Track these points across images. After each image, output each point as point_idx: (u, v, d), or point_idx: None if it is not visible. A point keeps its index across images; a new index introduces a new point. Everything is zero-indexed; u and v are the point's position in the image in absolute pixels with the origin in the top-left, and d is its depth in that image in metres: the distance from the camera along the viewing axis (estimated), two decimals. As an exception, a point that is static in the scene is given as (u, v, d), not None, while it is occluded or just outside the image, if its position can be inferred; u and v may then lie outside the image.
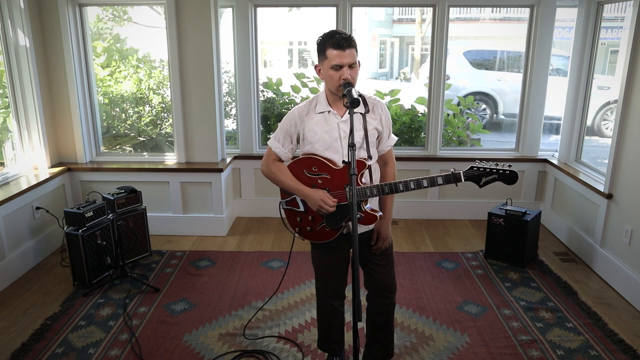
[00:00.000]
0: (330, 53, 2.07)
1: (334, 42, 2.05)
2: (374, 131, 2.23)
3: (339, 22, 4.46)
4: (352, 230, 1.87)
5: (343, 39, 2.05)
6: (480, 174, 2.06)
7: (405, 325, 3.04)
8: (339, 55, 2.05)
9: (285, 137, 2.26)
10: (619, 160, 3.53)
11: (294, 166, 2.25)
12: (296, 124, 2.23)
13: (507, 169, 2.04)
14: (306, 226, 2.26)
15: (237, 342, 2.87)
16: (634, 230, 3.32)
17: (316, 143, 2.19)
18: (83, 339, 2.90)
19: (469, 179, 2.06)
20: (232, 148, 4.86)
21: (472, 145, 5.34)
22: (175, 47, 4.13)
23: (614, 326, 3.03)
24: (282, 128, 2.26)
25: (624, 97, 3.44)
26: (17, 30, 3.84)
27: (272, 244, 4.29)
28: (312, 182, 2.20)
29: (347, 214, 2.15)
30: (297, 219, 2.29)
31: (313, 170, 2.19)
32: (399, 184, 2.10)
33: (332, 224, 2.19)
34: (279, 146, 2.26)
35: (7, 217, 3.54)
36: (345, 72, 2.07)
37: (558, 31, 4.80)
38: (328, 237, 2.23)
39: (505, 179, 2.04)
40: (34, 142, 4.10)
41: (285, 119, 2.26)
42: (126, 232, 3.79)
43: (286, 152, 2.27)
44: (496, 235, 3.89)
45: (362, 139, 2.16)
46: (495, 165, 2.06)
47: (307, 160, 2.21)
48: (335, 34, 2.08)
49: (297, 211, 2.27)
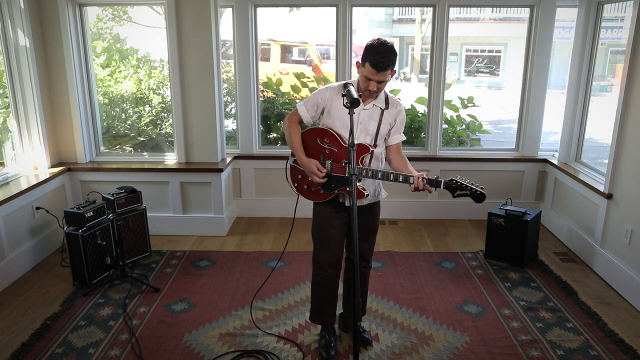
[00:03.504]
0: (368, 66, 2.29)
1: (374, 60, 2.25)
2: (387, 125, 2.50)
3: (339, 22, 4.46)
4: (352, 232, 1.88)
5: (382, 63, 2.26)
6: (457, 187, 2.33)
7: (405, 325, 3.04)
8: (373, 73, 2.29)
9: (313, 106, 2.53)
10: (619, 160, 3.53)
11: (310, 132, 2.53)
12: (325, 99, 2.50)
13: (480, 190, 2.31)
14: (304, 184, 2.58)
15: (237, 342, 2.87)
16: (634, 230, 3.32)
17: (337, 119, 2.47)
18: (83, 339, 2.90)
19: (446, 188, 2.34)
20: (232, 148, 4.86)
21: (472, 145, 5.34)
22: (175, 47, 4.13)
23: (614, 326, 3.03)
24: (313, 97, 2.54)
25: (624, 97, 3.44)
26: (17, 30, 3.84)
27: (272, 244, 4.29)
28: (321, 150, 2.50)
29: (341, 184, 2.46)
30: (298, 176, 2.60)
31: (325, 141, 2.48)
32: (390, 174, 2.37)
33: (326, 189, 2.50)
34: (304, 111, 2.54)
35: (7, 217, 3.54)
36: (373, 85, 2.33)
37: (558, 31, 4.80)
38: (320, 198, 2.55)
39: (475, 198, 2.32)
40: (34, 142, 4.09)
41: (319, 92, 2.54)
42: (126, 232, 3.79)
43: (309, 117, 2.55)
44: (496, 235, 3.89)
45: (375, 129, 2.46)
46: (471, 184, 2.34)
47: (324, 131, 2.50)
48: (380, 53, 2.25)
49: (300, 169, 2.56)
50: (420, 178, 2.31)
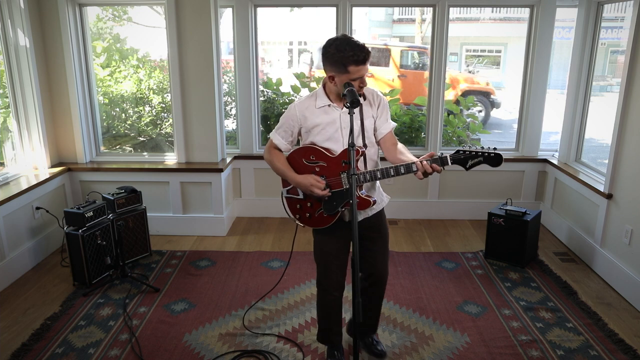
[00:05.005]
0: (352, 68, 2.13)
1: (358, 59, 2.11)
2: (370, 119, 2.35)
3: (339, 22, 4.46)
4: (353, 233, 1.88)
5: (363, 54, 2.11)
6: (467, 157, 2.15)
7: (405, 325, 3.04)
8: (359, 70, 2.14)
9: (286, 131, 2.38)
10: (619, 160, 3.53)
11: (295, 155, 2.37)
12: (298, 119, 2.34)
13: (492, 151, 2.14)
14: (305, 213, 2.39)
15: (237, 342, 2.87)
16: (634, 230, 3.32)
17: (317, 135, 2.31)
18: (83, 339, 2.90)
19: (455, 162, 2.15)
20: (232, 148, 4.86)
21: (472, 146, 5.34)
22: (175, 47, 4.13)
23: (614, 326, 3.03)
24: (283, 122, 2.38)
25: (624, 97, 3.44)
26: (17, 30, 3.84)
27: (272, 244, 4.29)
28: (311, 169, 2.32)
29: (343, 199, 2.27)
30: (297, 206, 2.41)
31: (311, 159, 2.32)
32: (390, 169, 2.19)
33: (329, 210, 2.31)
34: (279, 139, 2.40)
35: (7, 217, 3.54)
36: (364, 82, 2.20)
37: (558, 31, 4.81)
38: (326, 222, 2.35)
39: (490, 161, 2.13)
40: (34, 142, 4.09)
41: (286, 114, 2.37)
42: (126, 232, 3.79)
43: (285, 144, 2.40)
44: (496, 235, 3.89)
45: (359, 128, 2.29)
46: (481, 148, 2.15)
47: (306, 149, 2.33)
48: (356, 49, 2.10)
49: (297, 199, 2.39)
50: (423, 161, 2.13)
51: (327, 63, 2.19)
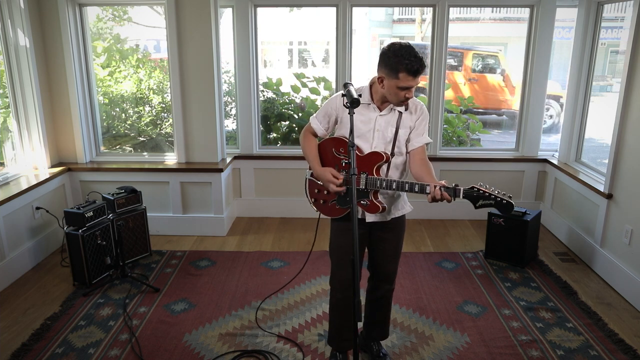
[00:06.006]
0: (403, 76, 2.13)
1: (411, 69, 2.10)
2: (406, 130, 2.34)
3: (339, 22, 4.46)
4: (353, 232, 1.88)
5: (420, 67, 2.12)
6: (479, 195, 2.10)
7: (405, 325, 3.04)
8: (411, 80, 2.14)
9: (324, 117, 2.43)
10: (619, 160, 3.53)
11: (326, 143, 2.43)
12: (337, 108, 2.38)
13: (506, 199, 2.07)
14: (321, 199, 2.46)
15: (237, 342, 2.87)
16: (634, 230, 3.32)
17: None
18: (83, 339, 2.90)
19: (467, 197, 2.12)
20: (232, 148, 4.86)
21: (472, 145, 5.34)
22: (175, 47, 4.13)
23: (614, 326, 3.03)
24: (324, 107, 2.44)
25: (624, 97, 3.44)
26: (17, 30, 3.84)
27: (272, 244, 4.29)
28: (337, 161, 2.37)
29: (359, 197, 2.30)
30: (315, 191, 2.48)
31: (340, 152, 2.36)
32: (405, 183, 2.20)
33: (342, 204, 2.37)
34: (317, 123, 2.45)
35: (7, 217, 3.54)
36: (410, 93, 2.20)
37: (558, 31, 4.81)
38: (337, 214, 2.41)
39: (500, 208, 2.07)
40: (34, 142, 4.09)
41: (329, 101, 2.42)
42: (126, 232, 3.79)
43: (322, 129, 2.45)
44: (496, 235, 3.89)
45: (392, 135, 2.31)
46: (496, 192, 2.08)
47: (338, 141, 2.37)
48: (414, 56, 2.11)
49: (318, 183, 2.45)
50: (437, 187, 2.09)
51: (382, 64, 2.20)
